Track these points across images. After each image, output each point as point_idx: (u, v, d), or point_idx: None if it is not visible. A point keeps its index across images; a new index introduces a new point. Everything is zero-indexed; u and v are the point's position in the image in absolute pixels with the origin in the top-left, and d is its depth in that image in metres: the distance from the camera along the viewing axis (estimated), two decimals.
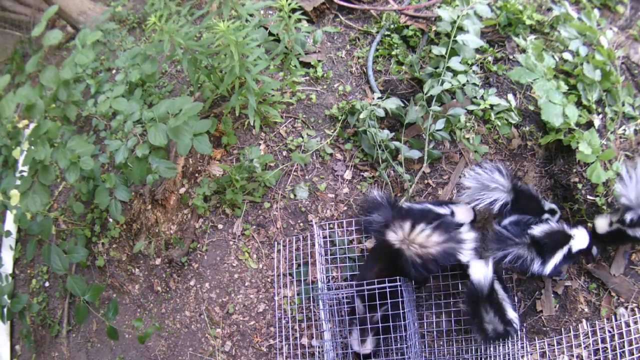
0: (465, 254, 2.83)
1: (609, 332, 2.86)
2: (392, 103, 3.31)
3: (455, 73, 3.27)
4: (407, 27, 3.69)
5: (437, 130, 3.24)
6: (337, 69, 3.72)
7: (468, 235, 2.84)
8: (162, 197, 3.44)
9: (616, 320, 2.86)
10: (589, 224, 2.96)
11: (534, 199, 2.94)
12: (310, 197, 3.41)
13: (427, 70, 3.31)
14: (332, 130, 3.52)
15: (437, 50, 3.31)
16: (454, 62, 3.27)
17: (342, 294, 3.06)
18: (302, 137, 3.54)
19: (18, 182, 2.98)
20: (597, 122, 3.13)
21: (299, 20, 3.06)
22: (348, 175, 3.41)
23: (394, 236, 2.79)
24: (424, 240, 2.75)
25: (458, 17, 3.30)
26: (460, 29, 3.31)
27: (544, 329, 2.96)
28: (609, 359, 2.80)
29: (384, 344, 2.96)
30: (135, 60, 3.25)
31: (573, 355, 2.87)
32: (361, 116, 3.30)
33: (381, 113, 3.29)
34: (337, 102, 3.60)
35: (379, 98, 3.37)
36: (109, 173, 3.13)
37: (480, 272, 2.77)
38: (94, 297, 3.19)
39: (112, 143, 2.96)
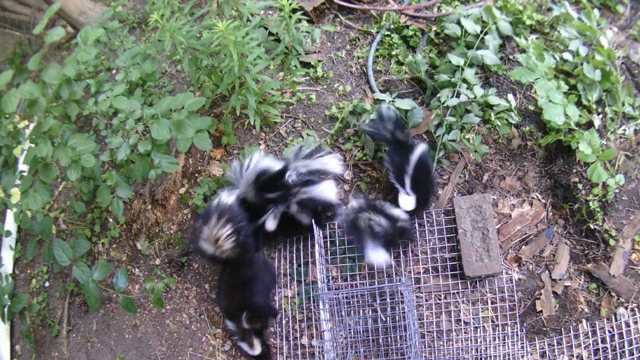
0: None
1: (609, 332, 2.86)
2: (407, 104, 3.32)
3: (470, 85, 3.26)
4: (407, 27, 3.70)
5: (450, 140, 3.24)
6: (337, 69, 3.72)
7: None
8: (162, 197, 3.44)
9: (616, 320, 2.86)
10: None
11: None
12: None
13: (440, 78, 3.30)
14: (332, 130, 3.52)
15: (455, 59, 3.29)
16: (470, 74, 3.26)
17: (342, 293, 3.06)
18: (302, 137, 3.54)
19: (18, 182, 2.98)
20: (597, 122, 3.14)
21: (299, 20, 3.06)
22: (348, 175, 3.41)
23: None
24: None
25: (482, 31, 3.32)
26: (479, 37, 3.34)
27: (544, 329, 2.96)
28: (609, 359, 2.81)
29: (384, 343, 2.96)
30: (135, 60, 3.24)
31: (573, 355, 2.87)
32: (372, 116, 3.29)
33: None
34: (337, 102, 3.60)
35: (392, 100, 3.37)
36: (110, 171, 3.12)
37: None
38: (103, 275, 3.08)
39: (114, 140, 2.95)
